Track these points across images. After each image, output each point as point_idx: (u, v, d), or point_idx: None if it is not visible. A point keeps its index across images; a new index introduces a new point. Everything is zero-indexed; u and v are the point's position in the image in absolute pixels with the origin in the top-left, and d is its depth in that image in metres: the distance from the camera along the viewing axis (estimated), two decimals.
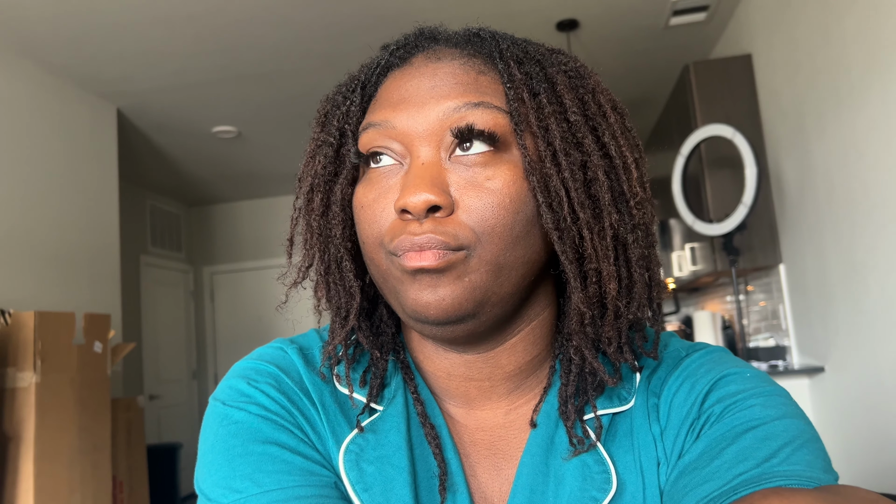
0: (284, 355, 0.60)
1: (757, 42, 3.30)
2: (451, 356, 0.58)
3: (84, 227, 3.82)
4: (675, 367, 0.59)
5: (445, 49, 0.57)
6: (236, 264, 6.57)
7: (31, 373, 2.62)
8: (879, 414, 2.48)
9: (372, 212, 0.54)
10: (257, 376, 0.57)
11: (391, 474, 0.54)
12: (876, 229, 2.35)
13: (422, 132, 0.52)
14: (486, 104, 0.52)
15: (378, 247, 0.53)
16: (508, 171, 0.52)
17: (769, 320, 3.50)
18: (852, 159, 2.46)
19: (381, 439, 0.56)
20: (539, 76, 0.54)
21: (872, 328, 2.46)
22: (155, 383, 5.69)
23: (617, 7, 3.40)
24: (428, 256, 0.50)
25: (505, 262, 0.52)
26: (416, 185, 0.50)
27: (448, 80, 0.54)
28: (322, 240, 0.58)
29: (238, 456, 0.52)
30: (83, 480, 2.82)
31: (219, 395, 0.57)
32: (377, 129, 0.54)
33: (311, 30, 3.42)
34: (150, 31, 3.32)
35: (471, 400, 0.59)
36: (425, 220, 0.51)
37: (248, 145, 5.02)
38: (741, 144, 2.89)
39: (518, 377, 0.59)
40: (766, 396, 0.53)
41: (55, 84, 3.68)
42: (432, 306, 0.51)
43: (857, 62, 2.37)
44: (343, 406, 0.58)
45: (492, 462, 0.58)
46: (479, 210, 0.51)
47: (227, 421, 0.55)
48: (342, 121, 0.58)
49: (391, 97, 0.55)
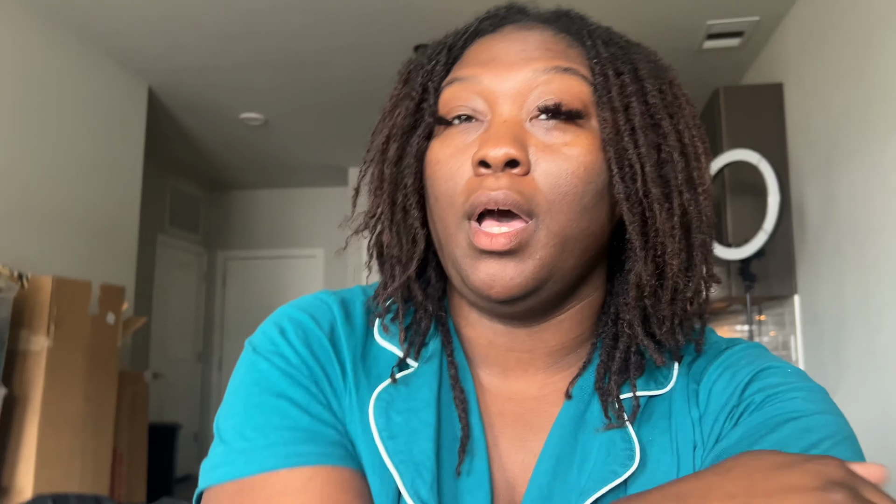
0: (324, 306, 0.62)
1: (789, 71, 3.29)
2: (496, 326, 0.59)
3: (107, 199, 3.86)
4: (715, 357, 0.60)
5: (536, 23, 0.58)
6: (251, 251, 6.60)
7: (45, 337, 2.64)
8: (887, 449, 2.47)
9: (448, 167, 0.54)
10: (289, 325, 0.59)
11: (417, 426, 0.56)
12: (894, 265, 2.34)
13: (507, 91, 0.54)
14: (573, 70, 0.54)
15: (450, 206, 0.54)
16: (586, 141, 0.54)
17: (779, 351, 3.48)
18: (876, 195, 2.46)
19: (412, 393, 0.57)
20: (623, 58, 0.56)
21: (884, 366, 2.44)
22: (160, 362, 5.72)
23: (652, 27, 3.40)
24: (500, 241, 0.51)
25: (571, 234, 0.53)
26: (497, 138, 0.51)
27: (538, 45, 0.56)
28: (393, 187, 0.58)
29: (254, 406, 0.54)
30: (84, 449, 2.84)
31: (253, 340, 0.59)
32: (462, 83, 0.55)
33: (346, 23, 3.44)
34: (187, 10, 3.35)
35: (508, 370, 0.60)
36: (502, 174, 0.51)
37: (273, 134, 5.05)
38: (766, 171, 2.88)
39: (559, 353, 0.60)
40: (808, 391, 0.54)
41: (89, 55, 3.72)
42: (498, 286, 0.52)
43: (889, 99, 2.37)
44: (379, 357, 0.60)
45: (517, 433, 0.59)
46: (554, 174, 0.52)
47: (253, 368, 0.57)
48: (426, 77, 0.59)
49: (479, 57, 0.56)
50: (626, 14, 3.29)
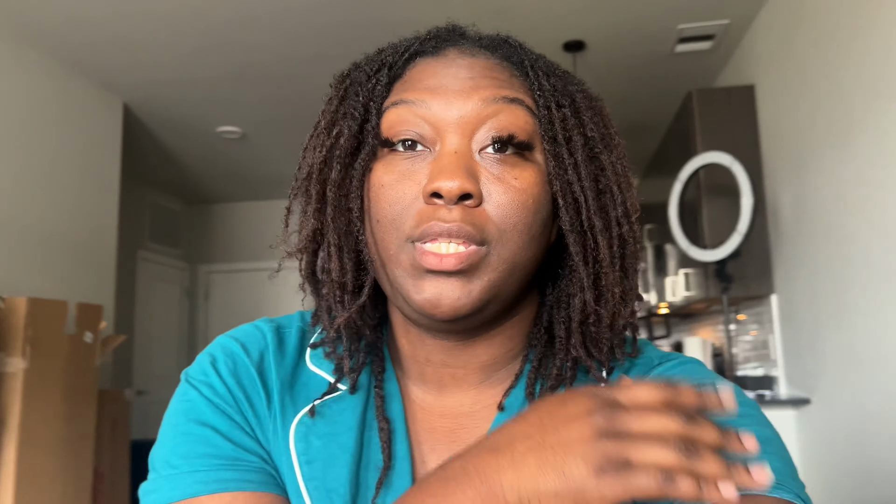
0: (258, 334, 0.63)
1: (760, 73, 3.33)
2: (433, 342, 0.60)
3: (83, 217, 3.83)
4: (646, 375, 0.60)
5: (478, 48, 0.59)
6: (232, 265, 6.57)
7: (20, 358, 2.62)
8: (864, 448, 2.49)
9: (394, 192, 0.54)
10: (220, 355, 0.61)
11: (335, 451, 0.57)
12: (868, 263, 2.37)
13: (456, 120, 0.54)
14: (520, 101, 0.55)
15: (393, 229, 0.54)
16: (534, 173, 0.55)
17: (759, 350, 3.51)
18: (849, 192, 2.49)
19: (334, 416, 0.58)
20: (562, 90, 0.58)
21: (860, 362, 2.47)
22: (144, 378, 5.67)
23: (625, 31, 3.43)
24: (449, 262, 0.51)
25: (519, 261, 0.55)
26: (451, 171, 0.52)
27: (485, 73, 0.56)
28: (337, 211, 0.57)
29: (181, 434, 0.56)
30: (65, 469, 2.81)
31: (189, 370, 0.62)
32: (408, 106, 0.55)
33: (322, 35, 3.45)
34: (160, 25, 3.35)
35: (443, 386, 0.61)
36: (454, 206, 0.52)
37: (251, 147, 5.04)
38: (739, 173, 2.91)
39: (491, 367, 0.61)
40: (738, 406, 0.54)
41: (62, 74, 3.70)
42: (444, 305, 0.52)
43: (858, 98, 2.40)
44: (309, 383, 0.61)
45: (448, 448, 0.59)
46: (505, 206, 0.53)
47: (184, 398, 0.59)
48: (367, 97, 0.58)
49: (425, 80, 0.56)
50: (597, 20, 3.31)
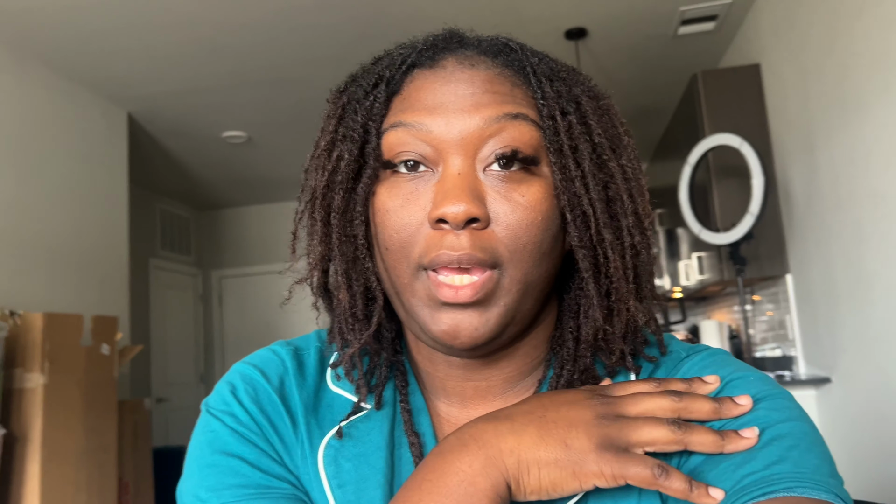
0: (276, 359, 0.62)
1: (765, 52, 3.30)
2: (452, 360, 0.59)
3: (93, 229, 3.85)
4: (675, 370, 0.59)
5: (478, 56, 0.56)
6: (245, 268, 6.60)
7: (39, 374, 2.64)
8: (886, 425, 2.47)
9: (399, 218, 0.53)
10: (240, 383, 0.59)
11: (367, 473, 0.55)
12: (883, 238, 2.35)
13: (458, 140, 0.52)
14: (524, 116, 0.53)
15: (403, 257, 0.53)
16: (540, 189, 0.53)
17: (776, 330, 3.48)
18: (859, 168, 2.46)
19: (362, 437, 0.57)
20: (567, 95, 0.55)
21: (879, 339, 2.44)
22: (163, 386, 5.71)
23: (626, 16, 3.40)
24: (465, 293, 0.50)
25: (532, 280, 0.53)
26: (455, 195, 0.50)
27: (486, 88, 0.54)
28: (341, 238, 0.56)
29: (207, 466, 0.55)
30: (89, 481, 2.83)
31: (209, 400, 0.60)
32: (409, 129, 0.53)
33: (323, 36, 3.44)
34: (160, 35, 3.35)
35: (466, 399, 0.60)
36: (462, 231, 0.50)
37: (258, 150, 5.05)
38: (748, 154, 2.88)
39: (515, 378, 0.60)
40: (771, 399, 0.53)
41: (66, 87, 3.71)
42: (463, 336, 0.51)
43: (864, 72, 2.37)
44: (333, 405, 0.60)
45: None
46: (514, 226, 0.51)
47: (207, 429, 0.57)
48: (366, 117, 0.55)
49: (424, 99, 0.54)
50: (598, 6, 3.29)
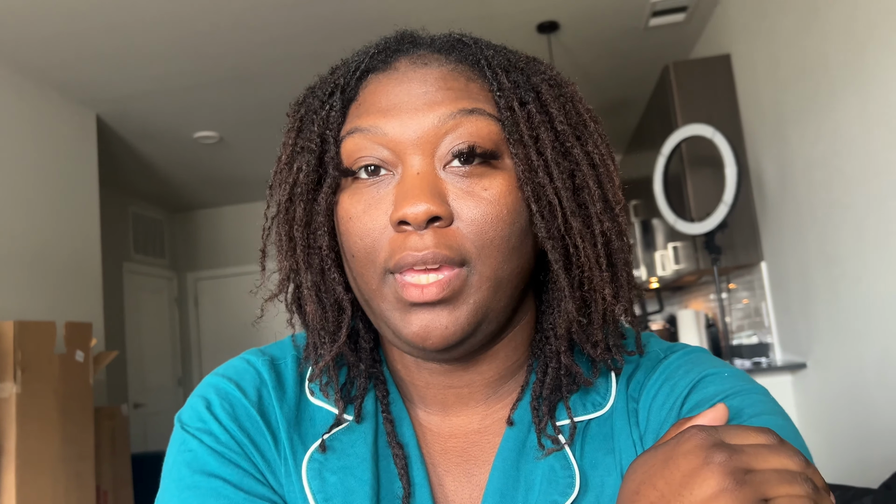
0: (250, 370, 0.60)
1: (736, 42, 3.32)
2: (432, 366, 0.58)
3: (64, 234, 3.78)
4: (653, 370, 0.59)
5: (430, 54, 0.56)
6: (220, 270, 6.53)
7: (12, 383, 2.59)
8: (861, 409, 2.51)
9: (362, 224, 0.52)
10: (215, 398, 0.57)
11: (353, 485, 0.54)
12: (855, 225, 2.38)
13: (415, 140, 0.51)
14: (480, 111, 0.52)
15: (369, 263, 0.52)
16: (503, 182, 0.52)
17: (752, 318, 3.52)
18: (831, 156, 2.49)
19: (346, 449, 0.56)
20: (525, 85, 0.54)
21: (853, 324, 2.48)
22: (140, 391, 5.64)
23: (597, 9, 3.41)
24: (431, 291, 0.49)
25: (502, 276, 0.52)
26: (415, 195, 0.49)
27: (439, 85, 0.53)
28: (307, 251, 0.55)
29: (187, 487, 0.53)
30: (67, 490, 2.79)
31: (182, 416, 0.58)
32: (365, 134, 0.52)
33: (292, 33, 3.41)
34: (127, 37, 3.29)
35: (447, 407, 0.59)
36: (425, 231, 0.50)
37: (230, 150, 5.00)
38: (721, 144, 2.91)
39: (497, 382, 0.59)
40: (745, 395, 0.53)
41: (32, 89, 3.64)
42: (433, 336, 0.50)
43: (835, 61, 2.40)
44: (315, 417, 0.58)
45: (463, 469, 0.58)
46: (479, 221, 0.51)
47: (184, 448, 0.55)
48: (322, 127, 0.55)
49: (378, 103, 0.53)
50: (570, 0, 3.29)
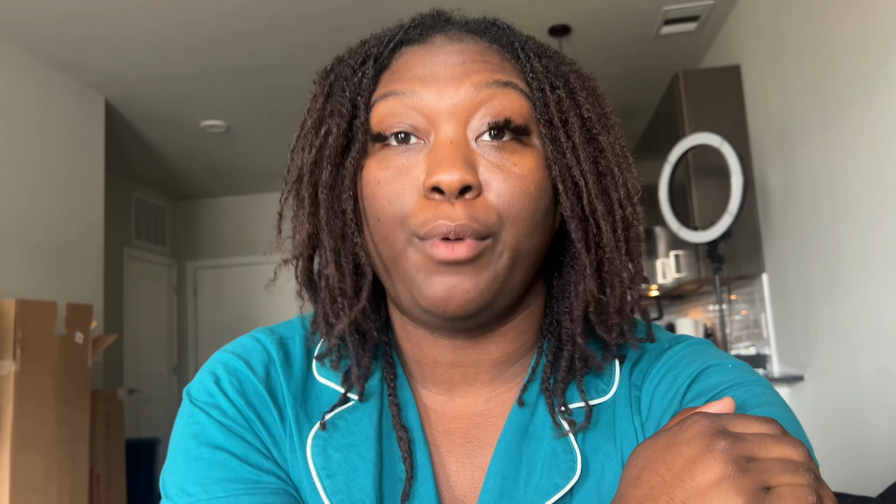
0: (259, 348, 0.60)
1: (746, 53, 3.33)
2: (441, 342, 0.58)
3: (68, 217, 3.79)
4: (657, 359, 0.59)
5: (465, 33, 0.57)
6: (220, 260, 6.53)
7: (11, 361, 2.59)
8: (858, 423, 2.51)
9: (391, 188, 0.52)
10: (224, 373, 0.58)
11: (356, 463, 0.55)
12: (858, 241, 2.38)
13: (450, 109, 0.52)
14: (514, 85, 0.53)
15: (397, 227, 0.52)
16: (532, 159, 0.53)
17: (751, 329, 3.53)
18: (837, 170, 2.50)
19: (351, 427, 0.57)
20: (555, 71, 0.55)
21: (852, 338, 2.49)
22: (135, 377, 5.64)
23: (609, 14, 3.42)
24: (461, 250, 0.49)
25: (523, 249, 0.53)
26: (450, 162, 0.50)
27: (475, 57, 0.54)
28: (329, 213, 0.55)
29: (193, 459, 0.54)
30: (60, 471, 2.79)
31: (190, 389, 0.58)
32: (399, 97, 0.53)
33: (303, 25, 3.41)
34: (140, 21, 3.30)
35: (453, 387, 0.60)
36: (456, 200, 0.50)
37: (236, 140, 5.00)
38: (728, 153, 2.91)
39: (503, 364, 0.59)
40: (748, 386, 0.53)
41: (43, 72, 3.64)
42: (455, 300, 0.51)
43: (843, 75, 2.40)
44: (321, 396, 0.59)
45: (465, 450, 0.58)
46: (506, 194, 0.51)
47: (192, 420, 0.56)
48: (354, 92, 0.55)
49: (415, 71, 0.54)
50: (583, 4, 3.30)
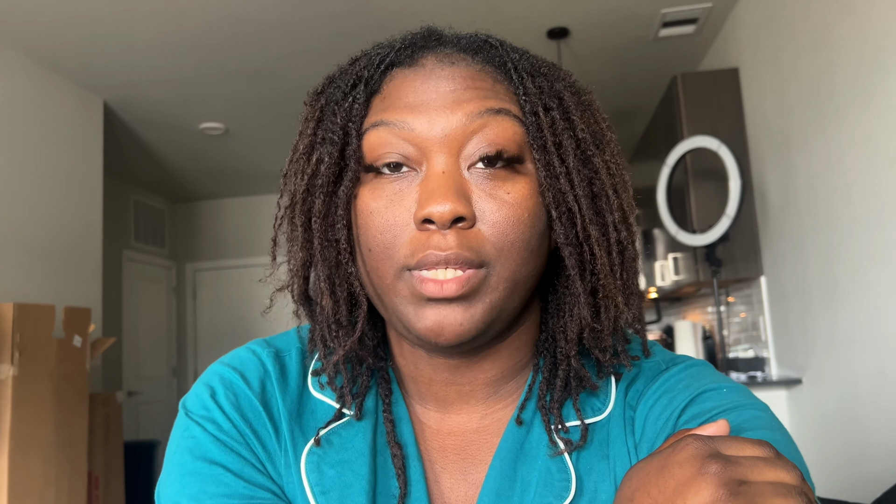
0: (255, 361, 0.60)
1: (744, 56, 3.33)
2: (437, 361, 0.58)
3: (67, 219, 3.78)
4: (653, 380, 0.59)
5: (457, 53, 0.56)
6: (219, 262, 6.53)
7: (9, 365, 2.59)
8: (855, 426, 2.51)
9: (383, 219, 0.52)
10: (220, 387, 0.58)
11: (350, 480, 0.55)
12: (856, 244, 2.38)
13: (441, 138, 0.51)
14: (506, 111, 0.53)
15: (387, 258, 0.52)
16: (526, 186, 0.52)
17: (749, 331, 3.53)
18: (834, 174, 2.50)
19: (345, 444, 0.57)
20: (549, 91, 0.55)
21: (850, 341, 2.49)
22: (134, 379, 5.64)
23: (608, 17, 3.42)
24: (451, 287, 0.49)
25: (520, 278, 0.52)
26: (441, 194, 0.49)
27: (467, 84, 0.53)
28: (324, 243, 0.55)
29: (188, 473, 0.54)
30: (59, 475, 2.79)
31: (186, 402, 0.58)
32: (391, 128, 0.52)
33: (302, 29, 3.41)
34: (138, 24, 3.30)
35: (448, 404, 0.60)
36: (448, 231, 0.50)
37: (235, 142, 5.00)
38: (726, 157, 2.91)
39: (499, 382, 0.59)
40: (743, 409, 0.53)
41: (41, 74, 3.64)
42: (447, 332, 0.51)
43: (842, 80, 2.40)
44: (316, 411, 0.59)
45: (459, 467, 0.58)
46: (501, 224, 0.51)
47: (187, 434, 0.56)
48: (345, 118, 0.54)
49: (405, 97, 0.53)
50: (581, 7, 3.30)
